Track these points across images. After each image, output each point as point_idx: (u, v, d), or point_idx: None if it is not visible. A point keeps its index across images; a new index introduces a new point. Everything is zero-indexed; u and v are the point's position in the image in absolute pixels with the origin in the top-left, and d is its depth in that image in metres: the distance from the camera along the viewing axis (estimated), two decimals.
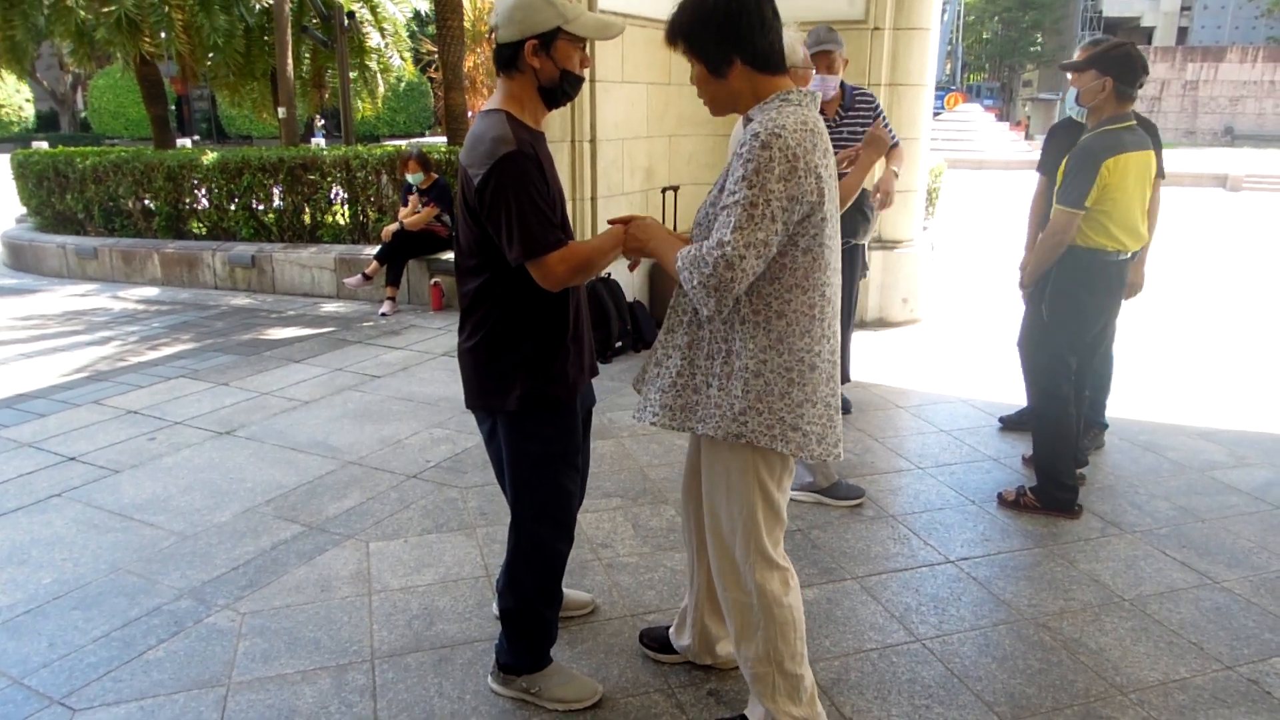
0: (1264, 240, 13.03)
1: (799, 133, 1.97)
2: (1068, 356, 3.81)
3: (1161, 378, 5.83)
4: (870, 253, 4.89)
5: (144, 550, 3.56)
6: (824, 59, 4.27)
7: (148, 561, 3.46)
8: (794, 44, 3.79)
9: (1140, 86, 3.58)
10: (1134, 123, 3.64)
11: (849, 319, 4.86)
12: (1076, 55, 4.07)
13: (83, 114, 38.68)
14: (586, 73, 2.40)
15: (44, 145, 19.15)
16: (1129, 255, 3.75)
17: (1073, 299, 3.70)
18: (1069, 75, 4.03)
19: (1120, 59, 3.55)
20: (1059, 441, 3.84)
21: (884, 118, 4.60)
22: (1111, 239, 3.65)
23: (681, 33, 2.11)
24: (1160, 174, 4.17)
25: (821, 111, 4.38)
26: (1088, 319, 3.79)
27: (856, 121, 4.49)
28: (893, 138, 4.62)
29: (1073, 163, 3.60)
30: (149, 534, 3.69)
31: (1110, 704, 2.64)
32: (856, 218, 4.44)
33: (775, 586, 2.26)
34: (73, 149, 11.72)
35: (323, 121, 29.37)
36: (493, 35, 2.28)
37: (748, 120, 2.11)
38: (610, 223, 2.34)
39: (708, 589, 2.62)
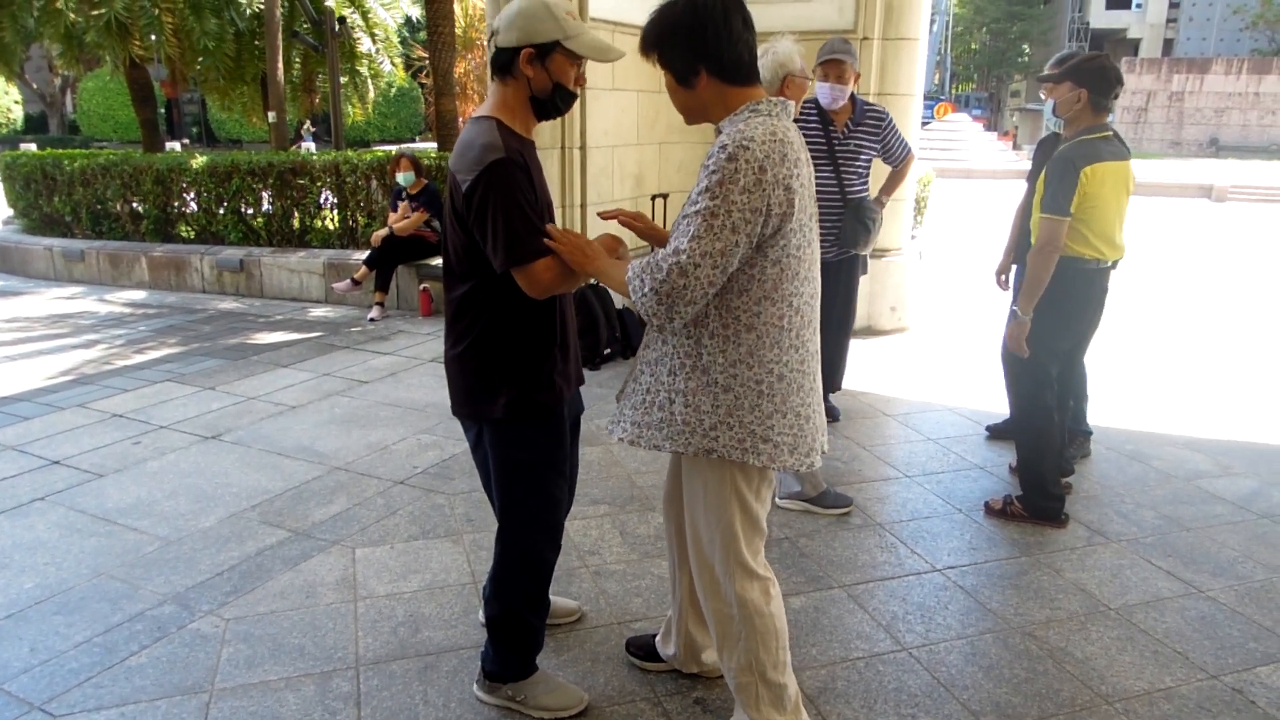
0: (1249, 250, 13.12)
1: (767, 144, 1.96)
2: (1049, 365, 3.83)
3: (1148, 387, 5.86)
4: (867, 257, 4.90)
5: (127, 555, 3.53)
6: (834, 67, 4.26)
7: (131, 566, 3.44)
8: (791, 53, 3.80)
9: (1115, 97, 3.63)
10: (1110, 133, 3.68)
11: (847, 329, 4.86)
12: (1047, 69, 4.11)
13: (72, 116, 38.47)
14: (581, 90, 2.39)
15: (32, 147, 19.05)
16: (1109, 264, 3.78)
17: (1054, 308, 3.71)
18: (1041, 90, 4.08)
19: (1094, 71, 3.60)
20: (1044, 451, 3.86)
21: (896, 131, 4.61)
22: (1090, 247, 3.68)
23: (652, 43, 2.12)
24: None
25: (830, 123, 4.39)
26: (1069, 327, 3.81)
27: (864, 136, 4.48)
28: (905, 147, 4.65)
29: (1052, 172, 3.63)
30: (133, 539, 3.66)
31: (1096, 713, 2.64)
32: (857, 228, 4.45)
33: (755, 596, 2.25)
34: (61, 151, 11.66)
35: (312, 127, 29.27)
36: (492, 39, 2.28)
37: (719, 132, 2.11)
38: (600, 215, 2.36)
39: (690, 597, 2.62)
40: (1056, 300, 3.71)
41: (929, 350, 6.75)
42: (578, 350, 2.58)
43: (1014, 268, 4.62)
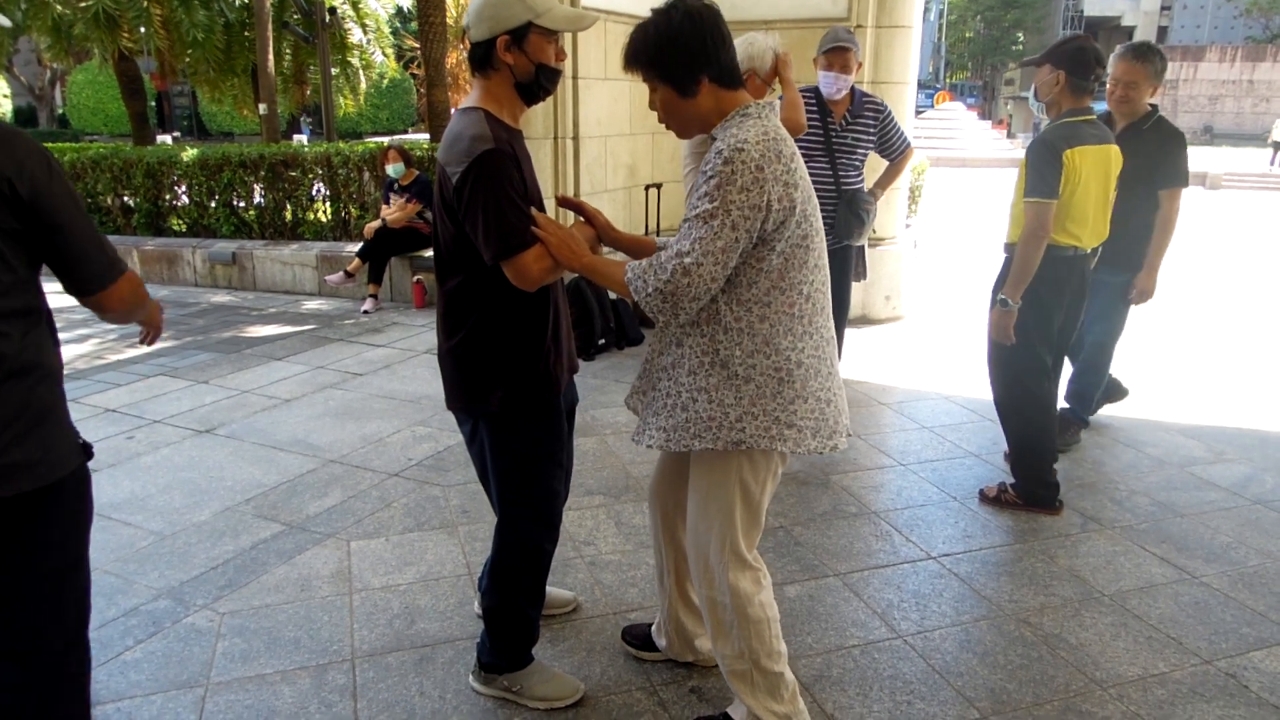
0: (1243, 238, 13.15)
1: (762, 144, 2.00)
2: (1043, 353, 3.81)
3: (1142, 374, 5.87)
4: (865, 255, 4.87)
5: (121, 550, 3.52)
6: (839, 56, 4.22)
7: (125, 561, 3.43)
8: (766, 52, 3.75)
9: (1096, 79, 3.57)
10: (1094, 117, 3.63)
11: (842, 318, 4.86)
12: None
13: (61, 110, 38.25)
14: (564, 66, 2.38)
15: None
16: (1087, 251, 3.73)
17: (1035, 297, 3.67)
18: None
19: (1072, 53, 3.56)
20: (1040, 440, 3.86)
21: (895, 123, 4.59)
22: (1066, 234, 3.63)
23: (646, 58, 2.12)
24: (1183, 181, 4.15)
25: (829, 114, 4.36)
26: (1052, 315, 3.77)
27: (862, 129, 4.45)
28: (904, 141, 4.63)
29: (1033, 156, 3.58)
30: (127, 534, 3.65)
31: (1090, 699, 2.65)
32: (850, 219, 4.43)
33: (747, 585, 2.27)
34: (51, 145, 11.60)
35: (309, 118, 29.12)
36: (466, 36, 2.27)
37: (712, 139, 2.13)
38: (559, 199, 2.49)
39: (678, 587, 2.64)
40: (1037, 290, 3.66)
41: (924, 339, 6.75)
42: (571, 340, 2.57)
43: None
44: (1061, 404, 4.67)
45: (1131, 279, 4.42)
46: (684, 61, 2.08)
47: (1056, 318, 3.80)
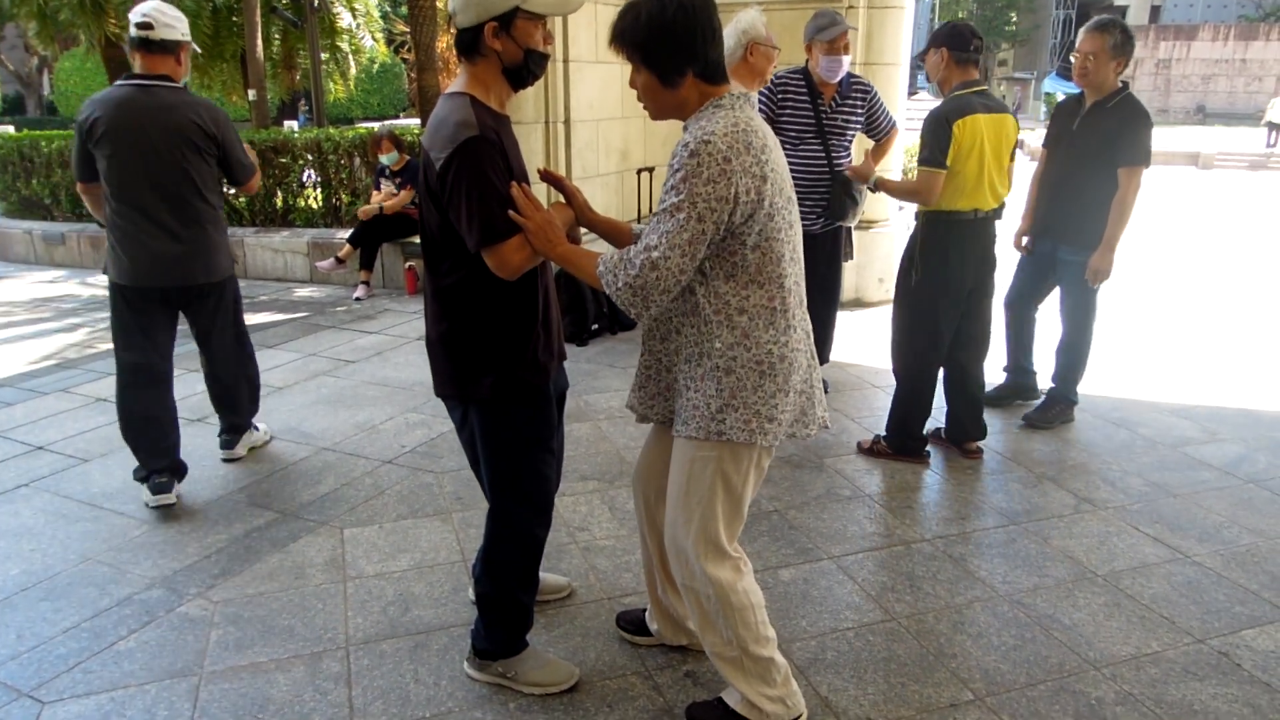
0: (1235, 217, 13.16)
1: (729, 135, 1.99)
2: (940, 320, 3.97)
3: (1134, 354, 5.87)
4: (853, 236, 4.92)
5: (114, 539, 3.51)
6: (844, 38, 4.33)
7: (118, 551, 3.42)
8: (756, 21, 3.91)
9: (975, 50, 3.81)
10: (985, 88, 3.86)
11: (834, 300, 4.87)
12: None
13: (49, 97, 37.93)
14: (551, 50, 2.36)
15: (9, 129, 18.78)
16: (987, 213, 3.90)
17: (940, 263, 3.89)
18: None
19: (948, 32, 3.87)
20: (918, 397, 4.09)
21: (881, 104, 4.61)
22: (966, 199, 3.82)
23: (634, 41, 2.09)
24: (1143, 160, 4.19)
25: (819, 96, 4.39)
26: (954, 280, 3.93)
27: (851, 110, 4.48)
28: (890, 121, 4.67)
29: (926, 129, 3.81)
30: (119, 523, 3.64)
31: (1083, 679, 2.66)
32: (845, 201, 4.46)
33: (727, 575, 2.26)
34: (38, 133, 11.51)
35: (306, 105, 28.82)
36: (451, 22, 2.23)
37: (684, 129, 2.12)
38: (540, 173, 2.49)
39: (664, 570, 2.63)
40: (943, 255, 3.88)
41: None
42: (560, 325, 2.56)
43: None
44: (1047, 383, 4.72)
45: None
46: (671, 53, 2.06)
47: (961, 280, 3.94)
